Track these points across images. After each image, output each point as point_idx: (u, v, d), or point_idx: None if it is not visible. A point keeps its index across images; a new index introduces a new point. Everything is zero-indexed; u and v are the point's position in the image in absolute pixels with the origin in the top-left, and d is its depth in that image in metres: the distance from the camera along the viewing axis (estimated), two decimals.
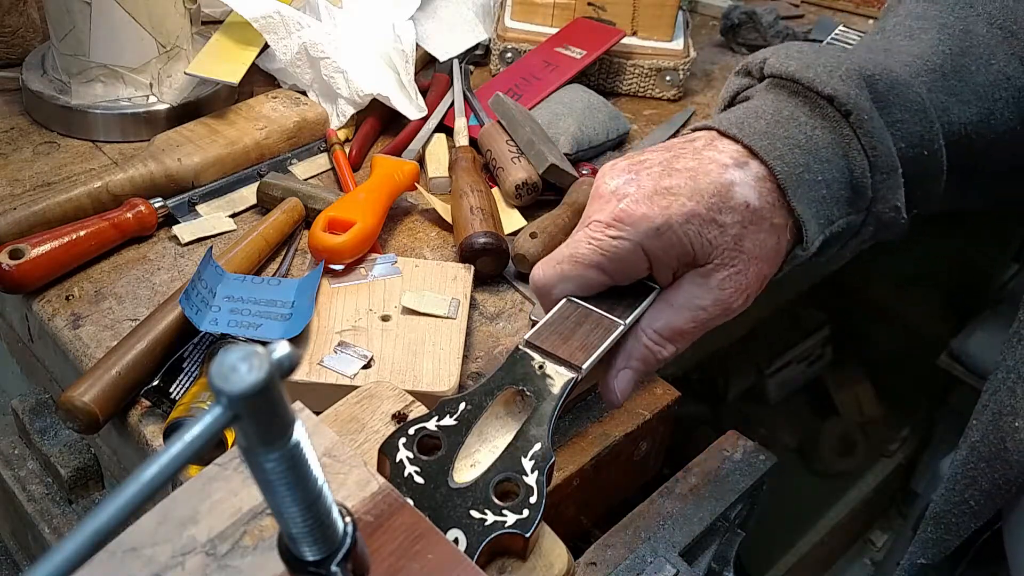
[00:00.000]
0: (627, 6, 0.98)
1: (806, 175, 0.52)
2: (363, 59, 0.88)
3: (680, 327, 0.53)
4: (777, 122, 0.53)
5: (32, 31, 0.91)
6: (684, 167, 0.52)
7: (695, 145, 0.54)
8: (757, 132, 0.52)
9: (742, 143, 0.52)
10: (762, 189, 0.51)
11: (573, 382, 0.51)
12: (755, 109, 0.54)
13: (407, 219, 0.79)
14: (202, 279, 0.61)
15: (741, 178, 0.51)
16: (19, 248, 0.65)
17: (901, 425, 1.55)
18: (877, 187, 0.54)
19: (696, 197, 0.50)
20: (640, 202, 0.51)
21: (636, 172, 0.53)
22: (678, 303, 0.53)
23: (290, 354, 0.26)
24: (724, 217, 0.51)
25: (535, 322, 0.55)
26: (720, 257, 0.52)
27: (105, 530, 0.24)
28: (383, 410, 0.49)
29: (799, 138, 0.52)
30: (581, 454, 0.64)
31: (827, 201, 0.53)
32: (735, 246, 0.51)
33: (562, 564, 0.44)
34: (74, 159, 0.81)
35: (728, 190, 0.51)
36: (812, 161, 0.52)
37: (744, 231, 0.51)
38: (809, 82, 0.53)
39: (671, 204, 0.50)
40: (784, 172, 0.51)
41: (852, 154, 0.53)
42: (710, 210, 0.50)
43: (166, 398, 0.59)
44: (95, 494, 0.74)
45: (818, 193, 0.52)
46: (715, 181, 0.51)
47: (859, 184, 0.54)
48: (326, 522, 0.31)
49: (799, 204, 0.52)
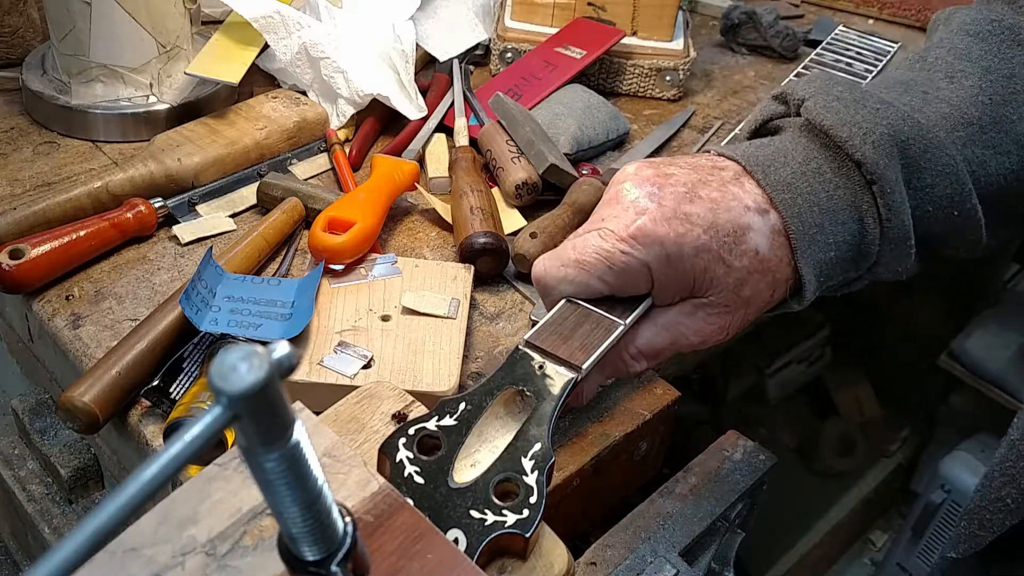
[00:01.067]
0: (627, 6, 0.98)
1: (819, 236, 0.52)
2: (363, 59, 0.88)
3: (659, 347, 0.55)
4: (803, 173, 0.53)
5: (32, 31, 0.91)
6: (707, 196, 0.52)
7: (723, 176, 0.53)
8: (782, 182, 0.52)
9: (764, 191, 0.52)
10: (774, 242, 0.52)
11: (573, 382, 0.51)
12: (784, 153, 0.54)
13: (407, 219, 0.79)
14: (202, 279, 0.61)
15: (759, 225, 0.52)
16: (19, 248, 0.65)
17: (901, 425, 1.55)
18: (883, 254, 0.55)
19: (711, 232, 0.51)
20: (659, 223, 0.51)
21: (660, 187, 0.52)
22: (662, 324, 0.55)
23: (290, 354, 0.26)
24: (732, 259, 0.51)
25: (535, 322, 0.56)
26: (716, 295, 0.53)
27: (105, 530, 0.24)
28: (383, 410, 0.49)
29: (820, 195, 0.53)
30: (581, 454, 0.64)
31: (832, 263, 0.53)
32: (734, 289, 0.52)
33: (562, 564, 0.44)
34: (74, 159, 0.81)
35: (744, 233, 0.51)
36: (827, 222, 0.52)
37: (747, 277, 0.52)
38: (842, 142, 0.53)
39: (687, 233, 0.51)
40: (798, 231, 0.52)
41: (867, 220, 0.53)
42: (721, 248, 0.51)
43: (166, 398, 0.59)
44: (95, 494, 0.74)
45: (826, 255, 0.53)
46: (734, 220, 0.51)
47: (867, 249, 0.54)
48: (326, 522, 0.31)
49: (805, 265, 0.52)
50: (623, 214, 0.52)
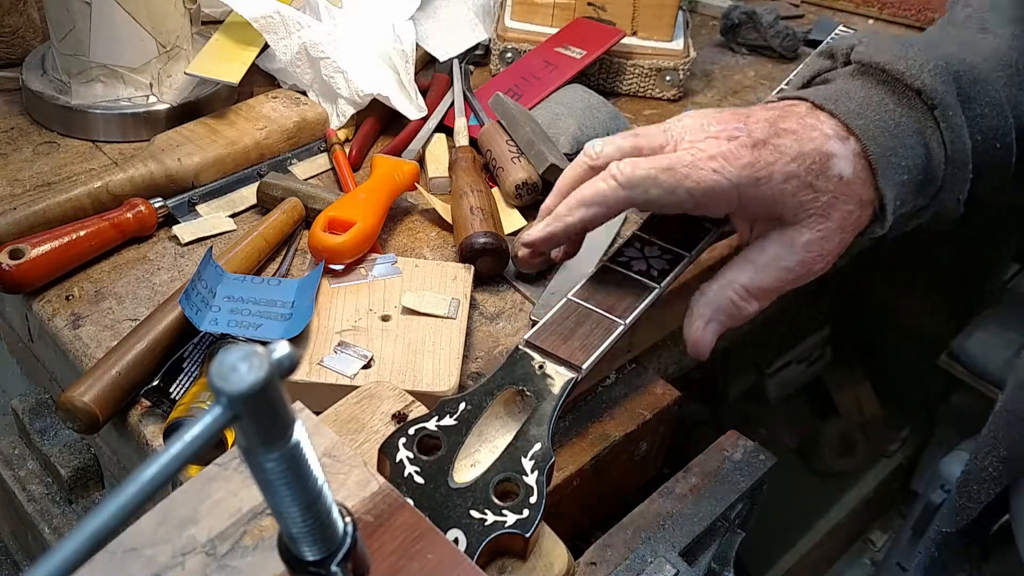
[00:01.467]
0: (627, 6, 0.98)
1: (893, 158, 0.55)
2: (363, 59, 0.88)
3: (765, 286, 0.56)
4: (868, 104, 0.56)
5: (32, 31, 0.91)
6: (789, 128, 0.55)
7: (796, 111, 0.56)
8: (852, 111, 0.55)
9: (839, 119, 0.55)
10: (856, 165, 0.54)
11: (573, 382, 0.51)
12: (845, 90, 0.57)
13: (407, 219, 0.79)
14: (202, 279, 0.62)
15: (841, 151, 0.54)
16: (19, 248, 0.65)
17: (901, 425, 1.55)
18: (948, 178, 0.58)
19: (799, 160, 0.53)
20: (750, 149, 0.53)
21: (744, 121, 0.55)
22: (763, 263, 0.56)
23: (290, 354, 0.26)
24: (820, 184, 0.54)
25: (535, 322, 0.56)
26: (808, 221, 0.54)
27: (105, 530, 0.24)
28: (383, 410, 0.49)
29: (888, 123, 0.55)
30: (581, 454, 0.64)
31: (905, 185, 0.56)
32: (824, 212, 0.54)
33: (562, 564, 0.44)
34: (74, 159, 0.81)
35: (827, 160, 0.54)
36: (898, 146, 0.55)
37: (835, 202, 0.54)
38: (899, 74, 0.56)
39: (776, 160, 0.53)
40: (877, 152, 0.54)
41: (932, 144, 0.57)
42: (808, 175, 0.53)
43: (166, 398, 0.59)
44: (95, 494, 0.74)
45: (900, 177, 0.55)
46: (817, 149, 0.54)
47: (933, 174, 0.57)
48: (326, 522, 0.31)
49: (885, 184, 0.55)
50: (713, 140, 0.54)
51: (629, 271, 0.60)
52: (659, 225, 0.65)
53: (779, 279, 0.56)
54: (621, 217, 0.80)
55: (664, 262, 0.61)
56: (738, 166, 0.53)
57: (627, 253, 0.62)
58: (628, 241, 0.63)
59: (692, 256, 0.63)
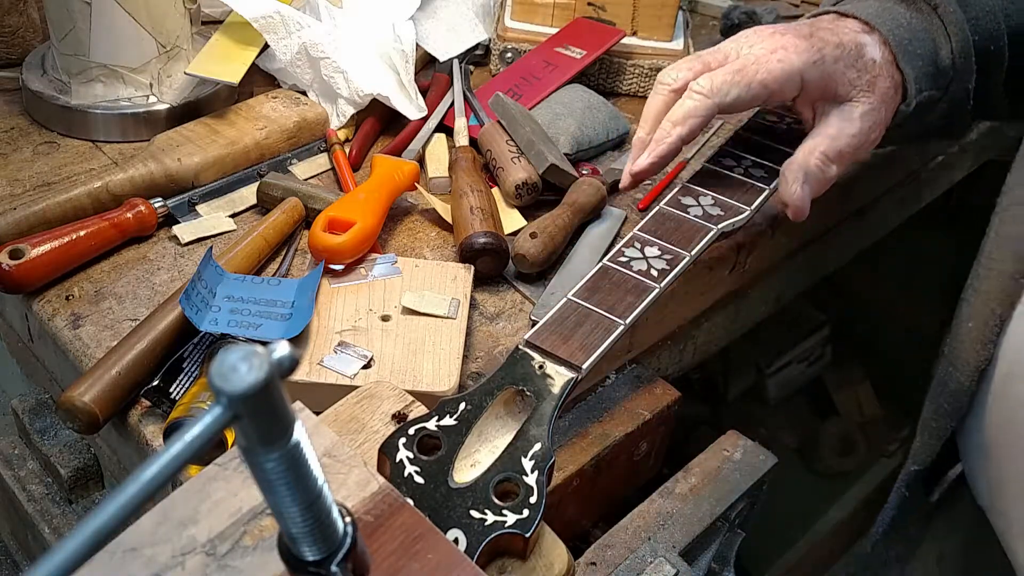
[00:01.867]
0: (627, 6, 0.98)
1: (909, 47, 0.67)
2: (363, 59, 0.88)
3: (840, 148, 0.66)
4: (884, 9, 0.68)
5: (32, 31, 0.91)
6: (824, 27, 0.67)
7: (825, 19, 0.69)
8: (871, 13, 0.68)
9: (861, 19, 0.67)
10: (883, 51, 0.67)
11: (573, 382, 0.51)
12: (864, 5, 0.69)
13: (407, 219, 0.79)
14: (202, 279, 0.62)
15: (869, 41, 0.66)
16: (19, 248, 0.65)
17: (901, 425, 1.55)
18: (956, 67, 0.69)
19: (841, 46, 0.65)
20: (801, 40, 0.65)
21: (785, 27, 0.67)
22: (832, 133, 0.66)
23: (290, 354, 0.26)
24: (860, 64, 0.65)
25: (535, 322, 0.56)
26: (859, 95, 0.66)
27: (105, 530, 0.24)
28: (383, 410, 0.49)
29: (901, 21, 0.68)
30: (581, 454, 0.64)
31: (920, 71, 0.68)
32: (869, 87, 0.66)
33: (562, 564, 0.44)
34: (74, 159, 0.81)
35: (861, 48, 0.66)
36: (912, 38, 0.67)
37: (875, 79, 0.66)
38: None
39: (824, 46, 0.65)
40: (895, 40, 0.67)
41: (939, 38, 0.69)
42: (850, 56, 0.65)
43: (166, 398, 0.59)
44: (95, 494, 0.74)
45: (916, 62, 0.67)
46: (852, 40, 0.66)
47: (943, 63, 0.69)
48: (326, 522, 0.31)
49: (905, 66, 0.67)
50: (769, 39, 0.66)
51: (629, 271, 0.60)
52: (659, 224, 0.65)
53: (849, 144, 0.66)
54: (621, 217, 0.80)
55: (664, 262, 0.61)
56: (797, 52, 0.64)
57: (627, 253, 0.62)
58: (628, 241, 0.63)
59: (692, 256, 0.63)
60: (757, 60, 0.64)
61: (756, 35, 0.67)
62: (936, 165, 1.07)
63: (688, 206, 0.67)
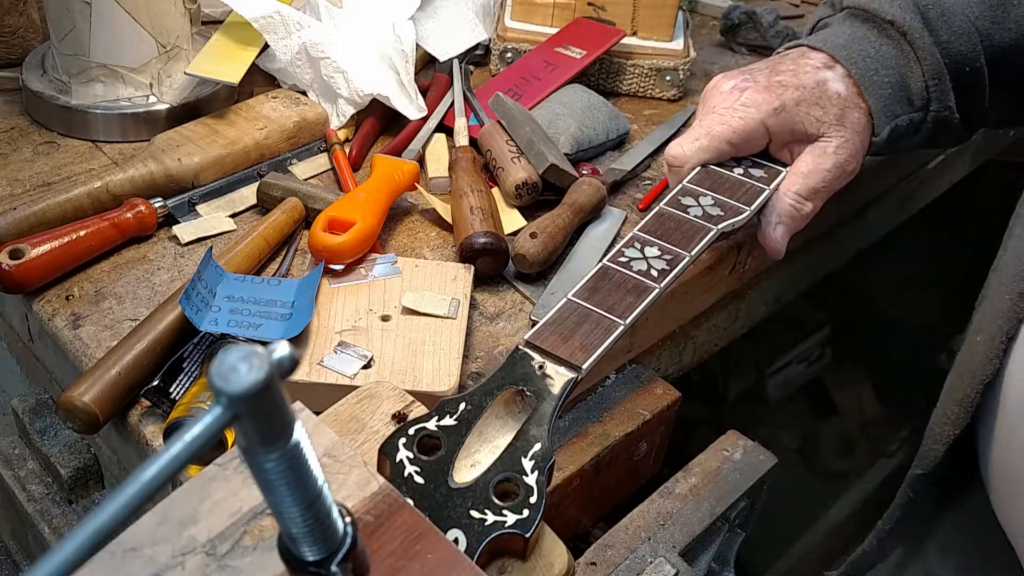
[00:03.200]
0: (627, 6, 0.98)
1: (875, 77, 0.69)
2: (363, 59, 0.88)
3: (812, 187, 0.68)
4: (853, 39, 0.71)
5: (32, 31, 0.91)
6: (786, 68, 0.69)
7: (791, 55, 0.71)
8: (838, 46, 0.70)
9: (827, 52, 0.70)
10: (847, 83, 0.69)
11: (573, 382, 0.51)
12: (834, 32, 0.72)
13: (407, 219, 0.79)
14: (202, 279, 0.61)
15: (831, 76, 0.69)
16: (19, 248, 0.65)
17: (901, 425, 1.55)
18: (931, 90, 0.71)
19: (800, 88, 0.68)
20: (761, 91, 0.68)
21: (750, 73, 0.70)
22: (806, 171, 0.68)
23: (290, 354, 0.26)
24: (824, 101, 0.68)
25: (535, 322, 0.56)
26: (828, 130, 0.68)
27: (105, 530, 0.24)
28: (383, 410, 0.49)
29: (869, 51, 0.70)
30: (581, 454, 0.64)
31: (891, 98, 0.70)
32: (838, 122, 0.68)
33: (562, 564, 0.44)
34: (74, 159, 0.81)
35: (824, 84, 0.68)
36: (880, 67, 0.69)
37: (843, 112, 0.68)
38: (875, 11, 0.71)
39: (784, 92, 0.68)
40: (859, 72, 0.69)
41: (910, 64, 0.70)
42: (812, 96, 0.68)
43: (166, 398, 0.59)
44: (95, 494, 0.74)
45: (884, 91, 0.69)
46: (813, 77, 0.68)
47: (916, 87, 0.70)
48: (326, 522, 0.31)
49: (870, 97, 0.69)
50: (729, 97, 0.69)
51: (629, 271, 0.60)
52: (659, 225, 0.65)
53: (823, 179, 0.68)
54: (621, 217, 0.80)
55: (664, 262, 0.61)
56: (756, 105, 0.67)
57: (627, 253, 0.62)
58: (628, 241, 0.63)
59: (692, 256, 0.63)
60: (721, 120, 0.68)
61: (718, 93, 0.70)
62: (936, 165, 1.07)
63: (688, 206, 0.67)
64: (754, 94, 0.68)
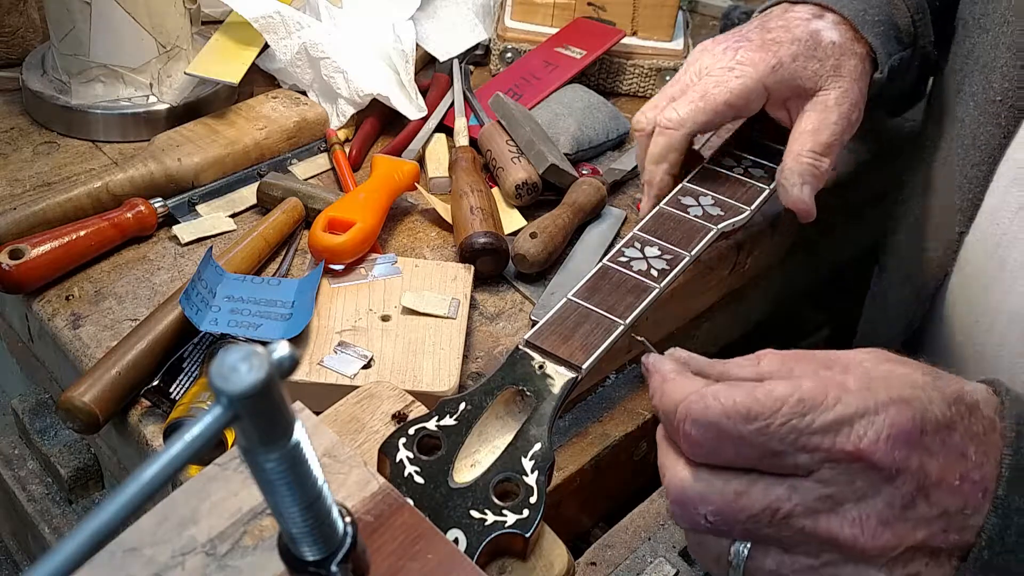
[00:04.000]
0: (627, 6, 0.98)
1: (866, 16, 0.68)
2: (363, 59, 0.88)
3: (824, 141, 0.65)
4: None
5: (32, 31, 0.91)
6: (776, 25, 0.67)
7: (775, 12, 0.69)
8: None
9: (812, 3, 0.68)
10: (840, 29, 0.67)
11: (573, 382, 0.51)
12: None
13: (407, 219, 0.79)
14: (202, 279, 0.62)
15: (823, 25, 0.67)
16: (19, 248, 0.65)
17: None
18: (916, 24, 0.71)
19: (796, 42, 0.66)
20: (755, 50, 0.66)
21: (739, 36, 0.68)
22: (814, 128, 0.65)
23: (290, 354, 0.26)
24: (819, 53, 0.66)
25: (535, 322, 0.56)
26: (826, 82, 0.66)
27: (105, 530, 0.24)
28: (383, 410, 0.49)
29: None
30: (581, 454, 0.64)
31: (885, 36, 0.69)
32: (835, 72, 0.66)
33: (562, 564, 0.44)
34: (74, 159, 0.81)
35: (816, 35, 0.66)
36: (868, 7, 0.69)
37: (840, 60, 0.66)
38: None
39: (779, 49, 0.65)
40: (852, 13, 0.67)
41: (894, 1, 0.70)
42: (807, 49, 0.66)
43: (166, 398, 0.59)
44: (95, 494, 0.74)
45: (878, 29, 0.69)
46: (805, 29, 0.66)
47: (903, 23, 0.71)
48: (326, 522, 0.31)
49: (869, 35, 0.68)
50: (723, 57, 0.66)
51: (629, 271, 0.60)
52: (659, 224, 0.65)
53: (833, 132, 0.65)
54: (621, 217, 0.80)
55: (664, 262, 0.61)
56: (753, 64, 0.65)
57: (627, 253, 0.62)
58: (628, 241, 0.63)
59: (692, 256, 0.63)
60: (717, 82, 0.65)
61: (710, 55, 0.67)
62: None
63: (688, 206, 0.67)
64: (749, 52, 0.65)
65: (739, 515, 0.38)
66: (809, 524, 0.38)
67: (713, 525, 0.39)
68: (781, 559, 0.39)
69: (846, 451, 0.38)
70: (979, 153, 0.63)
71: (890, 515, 0.38)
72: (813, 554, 0.39)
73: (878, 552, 0.38)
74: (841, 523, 0.38)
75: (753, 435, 0.38)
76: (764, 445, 0.38)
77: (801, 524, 0.38)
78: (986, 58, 0.65)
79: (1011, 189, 0.60)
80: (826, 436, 0.38)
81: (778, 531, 0.38)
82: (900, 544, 0.38)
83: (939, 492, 0.38)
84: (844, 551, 0.38)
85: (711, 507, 0.39)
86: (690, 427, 0.40)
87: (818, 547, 0.38)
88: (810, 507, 0.38)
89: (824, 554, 0.38)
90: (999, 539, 0.39)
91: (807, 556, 0.39)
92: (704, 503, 0.39)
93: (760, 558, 0.39)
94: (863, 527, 0.38)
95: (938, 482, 0.38)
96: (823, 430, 0.38)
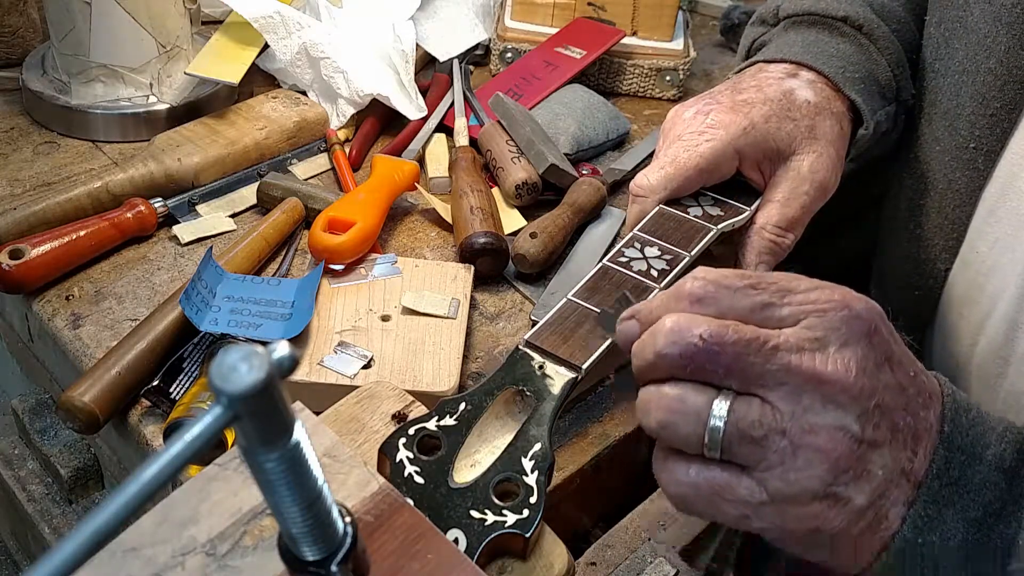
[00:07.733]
0: (627, 6, 0.98)
1: (847, 74, 0.65)
2: (363, 59, 0.88)
3: (791, 216, 0.63)
4: (808, 43, 0.67)
5: (32, 31, 0.91)
6: (748, 85, 0.64)
7: (748, 72, 0.66)
8: (796, 52, 0.66)
9: (787, 61, 0.65)
10: (816, 88, 0.64)
11: (573, 382, 0.51)
12: (784, 42, 0.68)
13: (407, 219, 0.79)
14: (202, 279, 0.62)
15: (797, 84, 0.64)
16: (19, 248, 0.65)
17: None
18: (898, 79, 0.69)
19: (767, 103, 0.62)
20: (726, 113, 0.62)
21: (709, 99, 0.64)
22: (783, 198, 0.63)
23: (290, 354, 0.26)
24: (794, 113, 0.62)
25: (535, 322, 0.56)
26: (800, 145, 0.62)
27: (105, 530, 0.24)
28: (383, 410, 0.49)
29: (831, 51, 0.66)
30: (581, 454, 0.64)
31: (868, 92, 0.66)
32: (810, 134, 0.62)
33: (562, 564, 0.44)
34: (74, 159, 0.81)
35: (791, 94, 0.63)
36: (846, 64, 0.66)
37: (814, 121, 0.63)
38: (823, 11, 0.68)
39: (751, 110, 0.62)
40: (833, 72, 0.64)
41: (872, 57, 0.68)
42: (781, 109, 0.62)
43: (166, 398, 0.59)
44: (95, 494, 0.74)
45: (859, 87, 0.65)
46: (778, 89, 0.63)
47: (884, 79, 0.68)
48: (326, 522, 0.31)
49: (852, 92, 0.65)
50: (693, 122, 0.63)
51: (629, 271, 0.60)
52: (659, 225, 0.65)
53: (802, 206, 0.63)
54: (621, 217, 0.80)
55: (664, 262, 0.61)
56: (724, 126, 0.61)
57: (627, 253, 0.62)
58: (628, 241, 0.63)
59: (692, 256, 0.63)
60: (687, 147, 0.62)
61: (681, 120, 0.64)
62: None
63: (688, 206, 0.67)
64: (720, 115, 0.62)
65: (730, 335, 0.40)
66: (795, 359, 0.40)
67: (705, 344, 0.40)
68: (763, 409, 0.40)
69: (834, 300, 0.41)
70: (957, 196, 0.63)
71: (868, 365, 0.41)
72: (795, 398, 0.40)
73: (857, 392, 0.40)
74: (825, 361, 0.40)
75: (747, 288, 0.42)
76: (756, 298, 0.42)
77: (787, 359, 0.40)
78: (947, 104, 0.64)
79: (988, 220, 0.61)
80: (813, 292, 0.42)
81: (765, 361, 0.40)
82: (874, 394, 0.40)
83: (900, 370, 0.42)
84: (825, 389, 0.40)
85: (704, 327, 0.41)
86: (691, 283, 0.43)
87: (800, 388, 0.40)
88: (797, 344, 0.40)
89: (805, 397, 0.40)
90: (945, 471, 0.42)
91: (788, 402, 0.40)
92: (698, 324, 0.41)
93: (743, 409, 0.40)
94: (847, 368, 0.40)
95: (900, 361, 0.42)
96: (813, 287, 0.42)
